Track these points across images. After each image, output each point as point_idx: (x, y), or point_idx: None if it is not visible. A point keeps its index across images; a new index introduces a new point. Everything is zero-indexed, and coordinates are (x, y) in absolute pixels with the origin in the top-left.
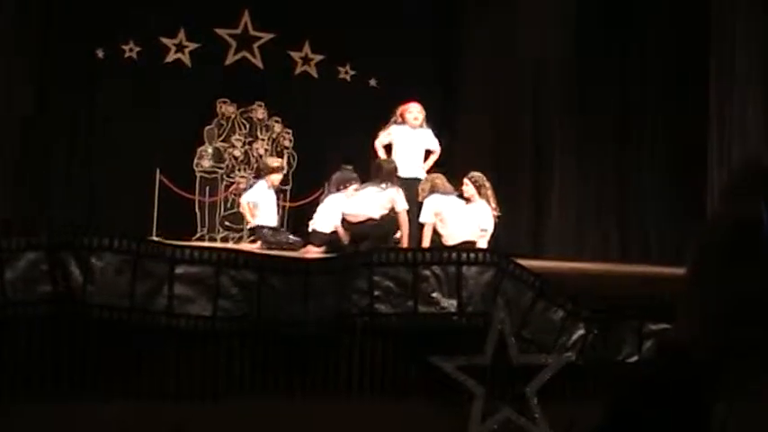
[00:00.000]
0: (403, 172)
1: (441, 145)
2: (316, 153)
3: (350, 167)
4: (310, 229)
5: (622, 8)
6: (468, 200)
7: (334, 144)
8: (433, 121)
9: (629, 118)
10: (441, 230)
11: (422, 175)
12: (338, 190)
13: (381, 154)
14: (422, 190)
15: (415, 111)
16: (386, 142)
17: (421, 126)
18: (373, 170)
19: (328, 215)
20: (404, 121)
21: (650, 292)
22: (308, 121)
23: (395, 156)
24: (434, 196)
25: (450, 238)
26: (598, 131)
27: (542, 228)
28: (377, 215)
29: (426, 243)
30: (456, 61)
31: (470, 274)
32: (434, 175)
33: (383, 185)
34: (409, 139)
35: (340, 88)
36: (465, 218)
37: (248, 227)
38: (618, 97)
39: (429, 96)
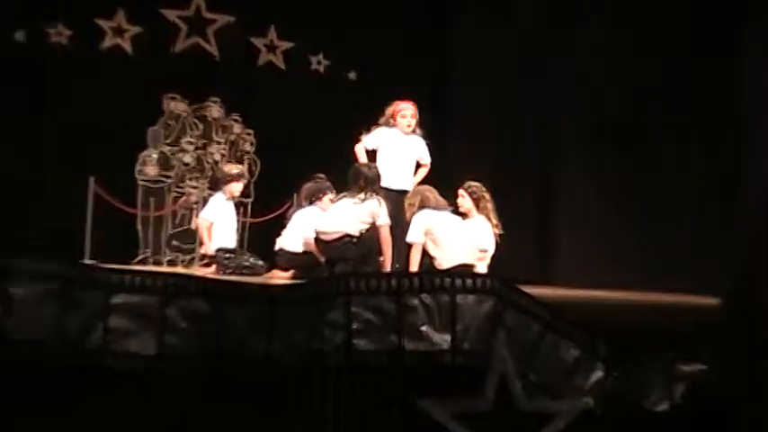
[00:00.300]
0: (388, 182)
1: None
2: (283, 159)
3: (322, 176)
4: (276, 250)
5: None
6: (464, 215)
7: (304, 149)
8: (422, 122)
9: (650, 119)
10: (432, 252)
11: (410, 187)
12: (310, 203)
13: (363, 159)
14: (409, 204)
15: (409, 114)
16: (371, 146)
17: (413, 132)
18: (351, 177)
19: (298, 233)
20: (395, 124)
21: (681, 325)
22: (273, 121)
23: (380, 163)
24: (424, 212)
25: (443, 261)
26: (614, 137)
27: (552, 249)
28: (355, 231)
29: (415, 267)
30: (451, 53)
31: (467, 304)
32: (424, 187)
33: (362, 196)
34: (399, 146)
35: (312, 82)
36: (461, 237)
37: (202, 249)
38: (637, 95)
39: (419, 94)
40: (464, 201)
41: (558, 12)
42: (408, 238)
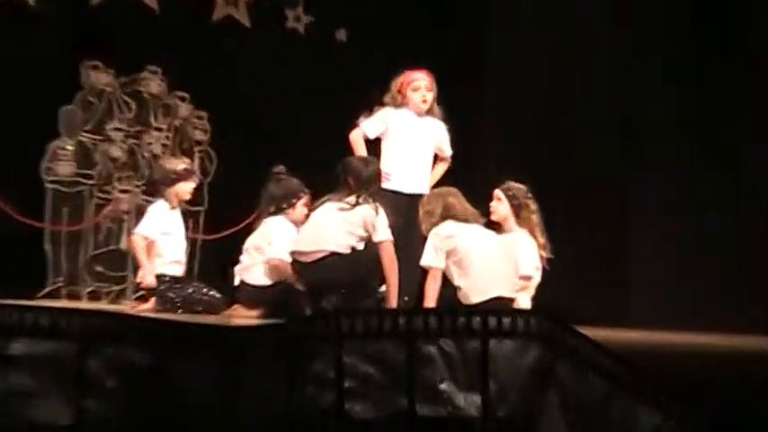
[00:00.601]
0: (397, 183)
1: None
2: (247, 152)
3: (282, 169)
4: (237, 280)
5: None
6: (499, 228)
7: (277, 138)
8: (444, 100)
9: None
10: (456, 280)
11: (426, 189)
12: (279, 210)
13: (360, 151)
14: (426, 213)
15: (423, 86)
16: (373, 134)
17: (430, 112)
18: (341, 173)
19: (262, 257)
20: (404, 102)
21: None
22: (234, 100)
23: (386, 157)
24: (447, 224)
25: (472, 293)
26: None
27: (620, 278)
28: (343, 247)
29: (431, 301)
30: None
31: (504, 354)
32: (446, 189)
33: (351, 199)
34: (411, 132)
35: (288, 45)
36: (495, 259)
37: (138, 277)
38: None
39: (436, 64)
40: (500, 206)
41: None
42: (423, 261)
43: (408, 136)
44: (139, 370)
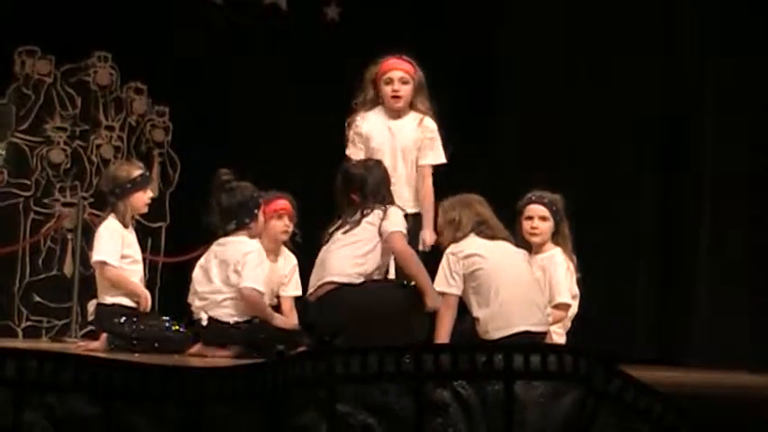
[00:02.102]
0: None
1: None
2: (217, 155)
3: (229, 174)
4: (205, 319)
5: None
6: (532, 246)
7: (255, 138)
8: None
9: None
10: (475, 310)
11: (415, 207)
12: (241, 226)
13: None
14: (449, 222)
15: (396, 77)
16: (359, 154)
17: (410, 109)
18: (340, 189)
19: (228, 287)
20: (377, 99)
21: None
22: (200, 92)
23: None
24: (468, 242)
25: (493, 325)
26: None
27: (672, 308)
28: (352, 277)
29: (444, 334)
30: None
31: (533, 399)
32: (471, 195)
33: (356, 217)
34: (383, 139)
35: (267, 24)
36: (525, 285)
37: (91, 307)
38: None
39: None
40: (545, 226)
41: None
42: (436, 286)
43: (385, 145)
44: (87, 424)
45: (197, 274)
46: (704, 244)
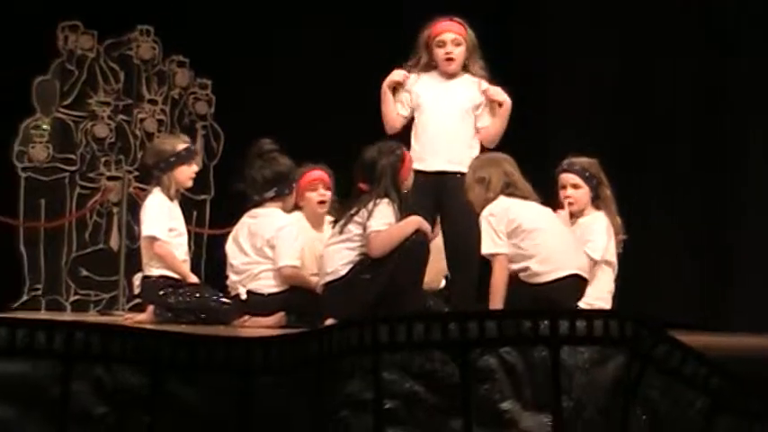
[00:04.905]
0: (426, 162)
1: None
2: (260, 127)
3: (270, 144)
4: (243, 292)
5: None
6: (569, 211)
7: (300, 110)
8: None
9: None
10: (522, 261)
11: (464, 167)
12: (278, 197)
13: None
14: (479, 181)
15: (449, 39)
16: (406, 109)
17: (464, 71)
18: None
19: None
20: (431, 63)
21: None
22: (243, 64)
23: (414, 132)
24: (502, 201)
25: (544, 269)
26: None
27: (719, 272)
28: (341, 270)
29: (500, 296)
30: None
31: (578, 364)
32: (499, 154)
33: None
34: (439, 100)
35: None
36: (565, 233)
37: (137, 280)
38: None
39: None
40: (580, 194)
41: None
42: (484, 250)
43: (436, 105)
44: (134, 394)
45: (230, 247)
46: (752, 205)
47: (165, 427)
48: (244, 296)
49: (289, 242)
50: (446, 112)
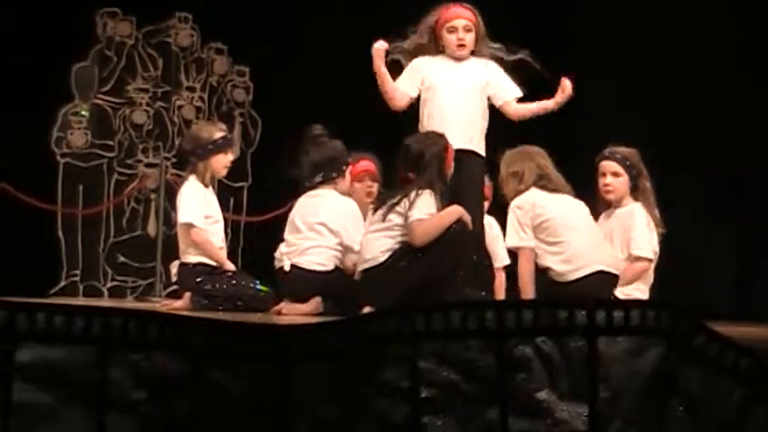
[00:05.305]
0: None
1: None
2: (298, 114)
3: (320, 130)
4: (287, 265)
5: None
6: (606, 203)
7: (340, 98)
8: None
9: None
10: (547, 259)
11: (478, 146)
12: (328, 180)
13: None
14: (512, 175)
15: (460, 25)
16: (413, 89)
17: (473, 54)
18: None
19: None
20: (440, 45)
21: None
22: (281, 52)
23: (423, 115)
24: (531, 194)
25: (568, 267)
26: None
27: (758, 262)
28: (381, 256)
29: (529, 287)
30: None
31: (615, 354)
32: (533, 148)
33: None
34: (450, 82)
35: None
36: (592, 228)
37: (174, 268)
38: None
39: None
40: (619, 182)
41: None
42: (509, 243)
43: (448, 86)
44: (172, 380)
45: (288, 223)
46: None
47: (203, 414)
48: (287, 268)
49: (356, 229)
50: (458, 93)
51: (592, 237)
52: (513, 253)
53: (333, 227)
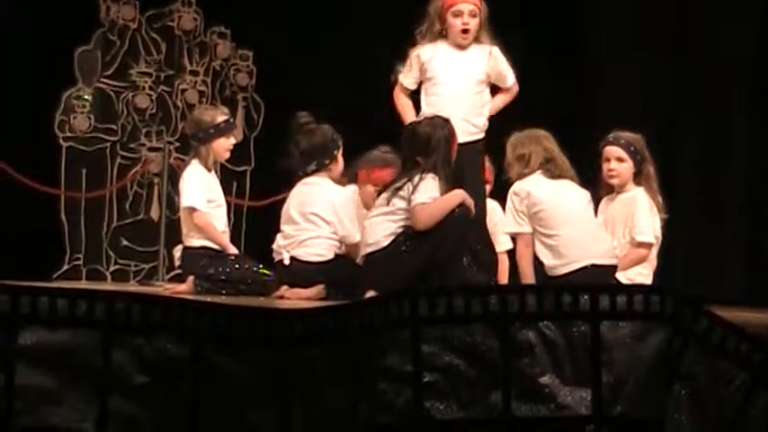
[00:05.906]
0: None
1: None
2: (301, 99)
3: (307, 116)
4: (287, 258)
5: None
6: (609, 188)
7: (337, 80)
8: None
9: None
10: (540, 252)
11: (480, 133)
12: (321, 168)
13: (408, 114)
14: (518, 158)
15: (466, 10)
16: (413, 82)
17: (477, 42)
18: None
19: (313, 226)
20: (443, 30)
21: None
22: (284, 36)
23: (425, 102)
24: (529, 181)
25: (560, 262)
26: None
27: (762, 247)
28: (385, 240)
29: (528, 272)
30: None
31: (619, 339)
32: (539, 131)
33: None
34: (452, 69)
35: None
36: (587, 221)
37: (177, 252)
38: None
39: None
40: (624, 168)
41: None
42: (508, 229)
43: (450, 76)
44: (174, 364)
45: (283, 214)
46: None
47: (205, 397)
48: (287, 262)
49: (350, 217)
50: (460, 82)
51: (586, 229)
52: (514, 238)
53: (326, 217)
